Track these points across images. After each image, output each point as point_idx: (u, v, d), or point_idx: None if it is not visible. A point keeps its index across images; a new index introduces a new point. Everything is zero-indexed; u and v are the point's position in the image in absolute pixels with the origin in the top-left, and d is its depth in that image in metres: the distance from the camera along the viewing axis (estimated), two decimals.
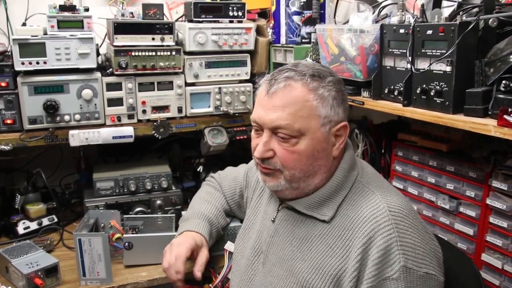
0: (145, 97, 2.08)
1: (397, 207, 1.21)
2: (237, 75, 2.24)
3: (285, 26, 2.24)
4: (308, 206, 1.31)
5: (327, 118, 1.24)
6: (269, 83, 1.26)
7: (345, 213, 1.26)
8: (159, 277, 1.75)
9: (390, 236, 1.15)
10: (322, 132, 1.24)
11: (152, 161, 2.36)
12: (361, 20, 1.79)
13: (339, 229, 1.24)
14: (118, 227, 1.86)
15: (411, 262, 1.14)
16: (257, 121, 1.28)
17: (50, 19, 1.93)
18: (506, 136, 1.19)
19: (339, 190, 1.29)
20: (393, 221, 1.17)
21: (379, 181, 1.34)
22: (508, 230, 1.49)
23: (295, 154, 1.24)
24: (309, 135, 1.23)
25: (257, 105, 1.30)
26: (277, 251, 1.36)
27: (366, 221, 1.19)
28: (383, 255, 1.14)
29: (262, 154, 1.26)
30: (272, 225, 1.40)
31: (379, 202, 1.21)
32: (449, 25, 1.35)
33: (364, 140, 2.12)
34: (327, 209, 1.28)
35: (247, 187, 1.70)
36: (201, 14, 2.13)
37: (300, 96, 1.23)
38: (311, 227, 1.30)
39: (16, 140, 1.91)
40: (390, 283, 1.13)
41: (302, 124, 1.22)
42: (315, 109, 1.23)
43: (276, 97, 1.23)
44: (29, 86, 1.90)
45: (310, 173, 1.27)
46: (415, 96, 1.50)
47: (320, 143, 1.25)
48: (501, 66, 1.31)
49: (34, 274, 1.62)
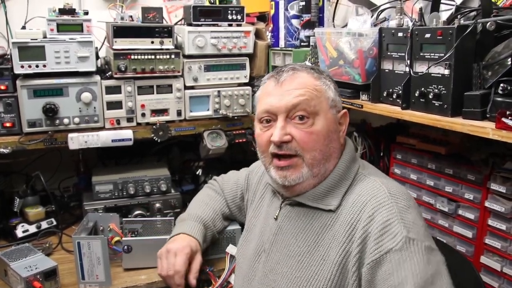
0: (144, 100, 2.09)
1: (397, 190, 1.24)
2: (236, 79, 2.25)
3: (284, 30, 2.25)
4: (313, 198, 1.32)
5: (334, 101, 1.34)
6: (277, 75, 1.33)
7: (349, 200, 1.28)
8: (158, 281, 1.75)
9: (391, 211, 1.16)
10: (332, 113, 1.33)
11: (151, 164, 2.36)
12: (360, 24, 1.79)
13: (342, 217, 1.25)
14: (117, 230, 1.86)
15: (413, 233, 1.13)
16: (270, 109, 1.30)
17: (50, 22, 1.93)
18: (504, 138, 1.19)
19: (342, 180, 1.32)
20: (393, 200, 1.20)
21: (380, 174, 1.40)
22: (507, 233, 1.49)
23: (313, 134, 1.27)
24: (322, 115, 1.29)
25: (264, 97, 1.34)
26: (281, 248, 1.35)
27: (367, 203, 1.22)
28: (384, 229, 1.14)
29: (281, 137, 1.26)
30: (275, 223, 1.40)
31: (379, 186, 1.25)
32: (447, 29, 1.36)
33: (363, 143, 2.12)
34: (332, 199, 1.30)
35: (248, 190, 1.70)
36: (200, 18, 2.14)
37: (310, 80, 1.32)
38: (315, 219, 1.31)
39: (15, 143, 1.91)
40: (393, 255, 1.11)
41: (316, 102, 1.29)
42: (324, 91, 1.32)
43: (287, 83, 1.30)
44: (29, 89, 1.90)
45: (327, 156, 1.30)
46: (413, 99, 1.51)
47: (332, 123, 1.32)
48: (499, 69, 1.31)
49: (33, 277, 1.62)
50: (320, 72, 1.38)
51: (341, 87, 1.83)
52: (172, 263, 1.54)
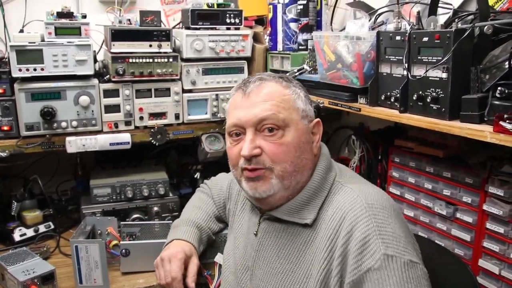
0: (142, 103, 2.09)
1: (375, 199, 1.18)
2: (234, 82, 2.25)
3: (282, 33, 2.25)
4: (289, 212, 1.28)
5: (304, 111, 1.29)
6: (244, 86, 1.29)
7: (327, 214, 1.23)
8: (156, 284, 1.75)
9: (368, 227, 1.11)
10: (303, 124, 1.28)
11: (149, 167, 2.36)
12: (358, 27, 1.80)
13: (322, 232, 1.21)
14: (115, 234, 1.86)
15: (392, 250, 1.08)
16: (238, 123, 1.26)
17: (48, 26, 1.93)
18: (502, 142, 1.19)
19: (318, 192, 1.27)
20: (371, 212, 1.14)
21: (358, 180, 1.33)
22: (504, 236, 1.49)
23: (283, 146, 1.23)
24: (293, 126, 1.25)
25: (232, 110, 1.30)
26: (263, 266, 1.32)
27: (345, 217, 1.16)
28: (362, 246, 1.09)
29: (250, 151, 1.22)
30: (255, 239, 1.36)
31: (356, 196, 1.20)
32: (444, 32, 1.36)
33: (361, 146, 2.12)
34: (307, 212, 1.25)
35: (229, 198, 1.67)
36: (198, 21, 2.14)
37: (277, 90, 1.28)
38: (295, 235, 1.27)
39: (13, 146, 1.90)
40: (372, 274, 1.07)
41: (285, 115, 1.24)
42: (293, 101, 1.28)
43: (254, 95, 1.26)
44: (26, 93, 1.90)
45: (299, 168, 1.26)
46: (411, 102, 1.51)
47: (304, 134, 1.27)
48: (496, 73, 1.32)
49: (30, 281, 1.61)
50: (289, 80, 1.34)
51: (339, 90, 1.84)
52: (168, 270, 1.52)
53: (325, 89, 1.94)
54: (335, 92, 1.87)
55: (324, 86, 1.93)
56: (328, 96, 1.91)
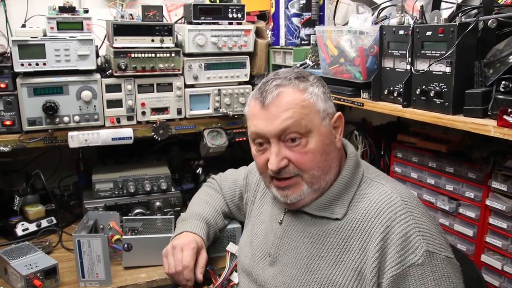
0: (144, 98, 2.08)
1: (407, 196, 1.23)
2: (236, 77, 2.24)
3: (284, 28, 2.25)
4: (319, 208, 1.30)
5: (325, 111, 1.28)
6: (261, 96, 1.27)
7: (357, 206, 1.26)
8: (158, 279, 1.75)
9: (408, 223, 1.16)
10: (325, 125, 1.27)
11: (151, 162, 2.36)
12: (361, 22, 1.79)
13: (353, 222, 1.23)
14: (117, 228, 1.86)
15: (432, 246, 1.14)
16: (260, 133, 1.26)
17: (50, 20, 1.92)
18: (506, 136, 1.19)
19: (348, 187, 1.29)
20: (408, 209, 1.19)
21: (385, 176, 1.37)
22: (507, 231, 1.49)
23: (309, 154, 1.24)
24: (315, 131, 1.24)
25: (253, 120, 1.29)
26: (288, 252, 1.33)
27: (381, 211, 1.19)
28: (404, 242, 1.14)
29: (278, 164, 1.23)
30: (280, 227, 1.38)
31: (390, 192, 1.23)
32: (448, 26, 1.36)
33: (364, 141, 2.12)
34: (338, 207, 1.28)
35: (247, 189, 1.69)
36: (201, 16, 2.13)
37: (296, 98, 1.25)
38: (323, 225, 1.29)
39: (15, 141, 1.90)
40: (415, 270, 1.12)
41: (307, 121, 1.23)
42: (313, 105, 1.26)
43: (273, 106, 1.24)
44: (29, 88, 1.89)
45: (327, 170, 1.27)
46: (414, 97, 1.50)
47: (327, 136, 1.27)
48: (500, 67, 1.31)
49: (33, 275, 1.62)
50: (306, 79, 1.30)
51: (342, 85, 1.83)
52: (180, 259, 1.53)
53: (327, 84, 1.91)
54: (338, 87, 1.86)
55: (326, 81, 1.90)
56: (330, 91, 1.90)
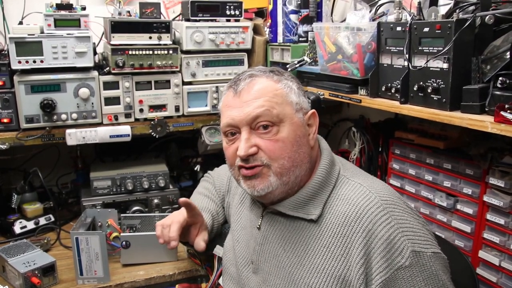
0: (142, 96, 2.08)
1: (386, 195, 1.20)
2: (234, 74, 2.23)
3: (282, 25, 2.24)
4: (293, 207, 1.27)
5: (298, 104, 1.26)
6: (235, 85, 1.27)
7: (335, 209, 1.22)
8: (156, 276, 1.75)
9: (390, 225, 1.14)
10: (298, 117, 1.26)
11: (149, 160, 2.36)
12: (358, 18, 1.79)
13: (332, 227, 1.20)
14: (116, 226, 1.86)
15: (418, 245, 1.12)
16: (232, 122, 1.25)
17: (47, 17, 1.92)
18: (503, 132, 1.19)
19: (323, 186, 1.26)
20: (388, 209, 1.16)
21: (362, 174, 1.33)
22: (505, 227, 1.49)
23: (279, 142, 1.22)
24: (287, 121, 1.23)
25: (225, 109, 1.28)
26: (270, 259, 1.31)
27: (361, 215, 1.16)
28: (388, 245, 1.12)
29: (247, 150, 1.21)
30: (259, 232, 1.35)
31: (368, 193, 1.20)
32: (445, 22, 1.36)
33: (362, 138, 2.12)
34: (313, 207, 1.25)
35: (228, 192, 1.67)
36: (198, 13, 2.13)
37: (269, 86, 1.25)
38: (301, 229, 1.26)
39: (13, 139, 1.90)
40: (403, 272, 1.10)
41: (279, 110, 1.22)
42: (286, 95, 1.25)
43: (245, 93, 1.24)
44: (26, 85, 1.89)
45: (297, 163, 1.24)
46: (412, 93, 1.50)
47: (299, 128, 1.25)
48: (497, 63, 1.31)
49: (31, 273, 1.62)
50: (280, 73, 1.30)
51: (340, 82, 1.84)
52: (176, 214, 1.55)
53: (325, 81, 1.94)
54: (335, 84, 1.86)
55: (324, 77, 1.93)
56: (328, 88, 1.91)
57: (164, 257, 1.83)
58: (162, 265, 1.82)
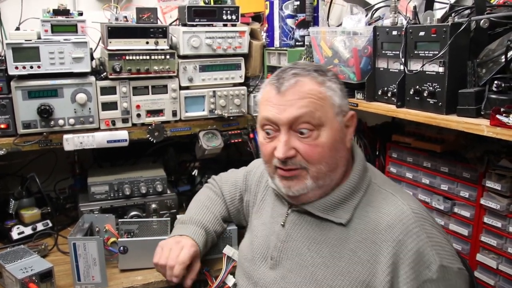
0: (139, 101, 2.08)
1: (417, 208, 1.22)
2: (231, 79, 2.25)
3: (278, 29, 2.25)
4: (324, 209, 1.27)
5: (340, 107, 1.26)
6: (278, 82, 1.25)
7: (365, 215, 1.23)
8: (154, 281, 1.75)
9: (421, 238, 1.14)
10: (338, 121, 1.25)
11: (147, 165, 2.36)
12: (354, 23, 1.80)
13: (361, 233, 1.21)
14: (113, 231, 1.86)
15: (445, 260, 1.13)
16: (273, 119, 1.23)
17: (44, 23, 1.92)
18: (498, 135, 1.20)
19: (354, 192, 1.27)
20: (419, 222, 1.17)
21: (392, 183, 1.35)
22: (502, 230, 1.50)
23: (318, 147, 1.21)
24: (328, 125, 1.22)
25: (266, 104, 1.26)
26: (292, 257, 1.30)
27: (393, 225, 1.17)
28: (418, 257, 1.12)
29: (286, 153, 1.21)
30: (282, 229, 1.35)
31: (401, 204, 1.21)
32: (441, 26, 1.36)
33: (359, 142, 2.12)
34: (343, 211, 1.25)
35: (246, 190, 1.67)
36: (195, 18, 2.14)
37: (314, 88, 1.23)
38: (328, 230, 1.26)
39: (10, 144, 1.90)
40: (430, 285, 1.11)
41: (321, 113, 1.21)
42: (329, 98, 1.24)
43: (289, 93, 1.22)
44: (23, 91, 1.89)
45: (334, 167, 1.25)
46: (408, 97, 1.51)
47: (338, 132, 1.25)
48: (493, 67, 1.32)
49: (28, 279, 1.61)
50: (324, 73, 1.28)
51: None
52: (177, 254, 1.53)
53: None
54: None
55: None
56: None
57: None
58: None
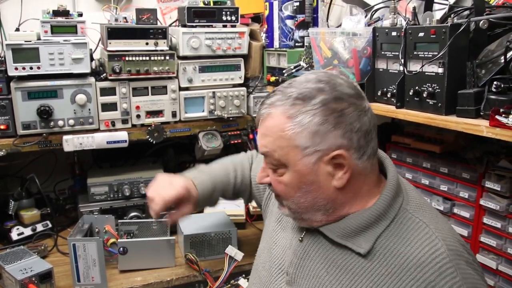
0: (139, 102, 2.08)
1: (453, 243, 1.08)
2: (231, 79, 2.25)
3: (278, 30, 2.25)
4: (341, 234, 1.13)
5: (310, 148, 1.07)
6: (259, 109, 1.18)
7: (390, 246, 1.09)
8: (154, 282, 1.75)
9: (454, 280, 1.02)
10: (305, 164, 1.08)
11: (147, 166, 2.36)
12: (354, 24, 1.80)
13: (387, 266, 1.07)
14: (113, 232, 1.86)
15: None
16: None
17: (44, 24, 1.93)
18: (498, 136, 1.20)
19: (380, 219, 1.10)
20: (454, 262, 1.04)
21: (427, 209, 1.17)
22: (502, 231, 1.50)
23: (282, 184, 1.14)
24: (291, 167, 1.10)
25: None
26: (309, 278, 1.19)
27: (424, 263, 1.04)
28: None
29: (260, 179, 1.19)
30: (300, 245, 1.23)
31: (434, 238, 1.07)
32: (440, 27, 1.36)
33: None
34: (363, 240, 1.10)
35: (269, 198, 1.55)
36: (195, 19, 2.14)
37: (276, 125, 1.09)
38: (348, 256, 1.13)
39: (10, 145, 1.90)
40: None
41: (280, 155, 1.10)
42: (291, 139, 1.07)
43: (260, 126, 1.16)
44: (23, 92, 1.89)
45: (305, 207, 1.14)
46: (407, 98, 1.51)
47: (305, 176, 1.09)
48: (492, 68, 1.32)
49: (28, 280, 1.61)
50: (306, 100, 1.07)
51: None
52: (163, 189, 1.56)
53: None
54: None
55: None
56: None
57: (161, 263, 1.83)
58: (159, 271, 1.81)
